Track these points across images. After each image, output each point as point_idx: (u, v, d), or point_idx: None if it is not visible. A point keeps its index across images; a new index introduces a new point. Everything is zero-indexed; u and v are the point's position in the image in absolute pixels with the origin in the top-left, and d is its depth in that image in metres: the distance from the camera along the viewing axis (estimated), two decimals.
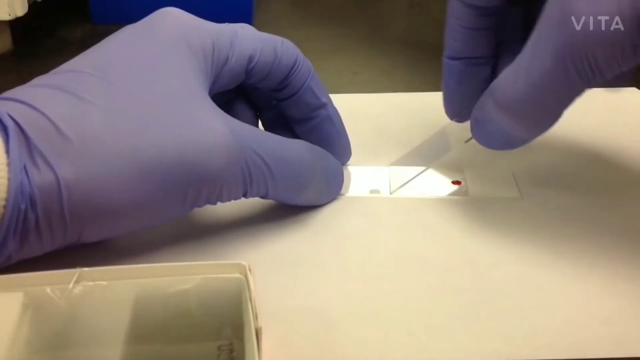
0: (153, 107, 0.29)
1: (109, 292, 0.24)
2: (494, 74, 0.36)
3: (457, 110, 0.37)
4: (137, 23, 0.32)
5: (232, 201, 0.31)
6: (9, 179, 0.26)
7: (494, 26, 0.35)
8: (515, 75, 0.30)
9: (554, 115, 0.30)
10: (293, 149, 0.33)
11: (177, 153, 0.28)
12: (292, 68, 0.35)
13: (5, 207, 0.26)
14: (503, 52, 0.36)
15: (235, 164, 0.30)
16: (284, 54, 0.34)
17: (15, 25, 0.60)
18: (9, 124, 0.27)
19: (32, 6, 0.58)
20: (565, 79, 0.28)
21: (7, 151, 0.26)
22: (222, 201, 0.31)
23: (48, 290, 0.23)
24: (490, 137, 0.33)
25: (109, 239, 0.31)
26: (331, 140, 0.36)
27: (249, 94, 0.37)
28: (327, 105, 0.36)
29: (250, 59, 0.33)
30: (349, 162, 0.39)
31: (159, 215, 0.30)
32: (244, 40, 0.33)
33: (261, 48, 0.34)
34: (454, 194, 0.37)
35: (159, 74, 0.30)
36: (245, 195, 0.31)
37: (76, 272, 0.24)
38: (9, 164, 0.26)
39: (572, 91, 0.29)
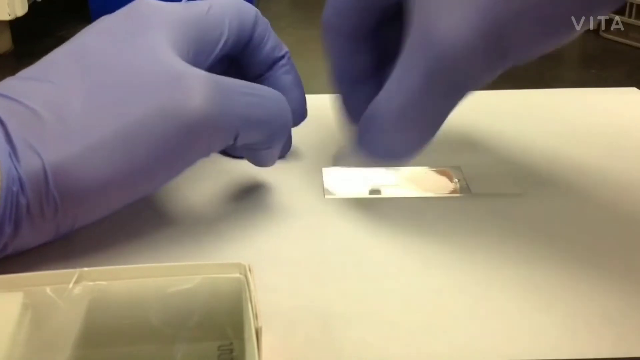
0: (130, 77, 0.29)
1: (108, 293, 0.24)
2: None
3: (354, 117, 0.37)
4: (111, 14, 0.32)
5: (232, 201, 0.31)
6: None
7: (373, 46, 0.35)
8: (389, 95, 0.30)
9: (435, 125, 0.31)
10: (272, 91, 0.33)
11: (157, 107, 0.28)
12: (253, 26, 0.36)
13: None
14: (387, 63, 0.36)
15: (219, 106, 0.29)
16: (246, 14, 0.35)
17: (15, 25, 0.60)
18: None
19: (32, 6, 0.58)
20: (438, 93, 0.29)
21: None
22: (214, 150, 0.31)
23: (48, 290, 0.23)
24: (375, 151, 0.33)
25: (105, 216, 0.31)
26: (286, 93, 0.36)
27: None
28: (287, 56, 0.37)
29: (221, 29, 0.34)
30: (349, 163, 0.39)
31: (150, 181, 0.30)
32: (213, 14, 0.34)
33: (229, 17, 0.34)
34: (454, 192, 0.37)
35: (134, 48, 0.30)
36: (235, 140, 0.31)
37: (76, 272, 0.24)
38: None
39: (449, 102, 0.30)
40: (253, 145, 0.33)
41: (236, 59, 0.36)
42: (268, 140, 0.33)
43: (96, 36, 0.31)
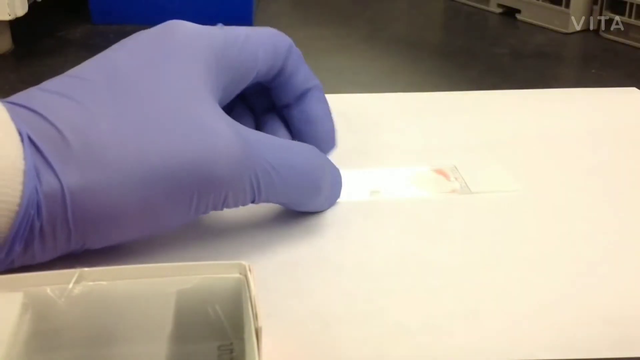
0: (159, 114, 0.29)
1: (108, 293, 0.24)
2: None
3: None
4: (145, 32, 0.32)
5: None
6: (23, 184, 0.26)
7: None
8: None
9: None
10: (301, 155, 0.33)
11: (182, 158, 0.28)
12: (286, 56, 0.35)
13: (17, 212, 0.26)
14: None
15: (242, 169, 0.29)
16: (280, 44, 0.35)
17: (15, 25, 0.60)
18: (23, 132, 0.27)
19: (32, 6, 0.58)
20: None
21: (24, 158, 0.27)
22: (229, 207, 0.30)
23: (48, 290, 0.23)
24: None
25: (113, 245, 0.31)
26: (318, 122, 0.36)
27: (247, 98, 0.37)
28: (317, 86, 0.36)
29: (256, 60, 0.33)
30: (349, 163, 0.39)
31: (163, 222, 0.30)
32: (249, 43, 0.33)
33: (264, 47, 0.34)
34: (454, 191, 0.37)
35: (166, 81, 0.30)
36: (253, 202, 0.31)
37: (76, 272, 0.24)
38: (25, 171, 0.26)
39: None
40: (286, 205, 0.33)
41: (266, 87, 0.36)
42: (301, 196, 0.33)
43: (129, 57, 0.31)
